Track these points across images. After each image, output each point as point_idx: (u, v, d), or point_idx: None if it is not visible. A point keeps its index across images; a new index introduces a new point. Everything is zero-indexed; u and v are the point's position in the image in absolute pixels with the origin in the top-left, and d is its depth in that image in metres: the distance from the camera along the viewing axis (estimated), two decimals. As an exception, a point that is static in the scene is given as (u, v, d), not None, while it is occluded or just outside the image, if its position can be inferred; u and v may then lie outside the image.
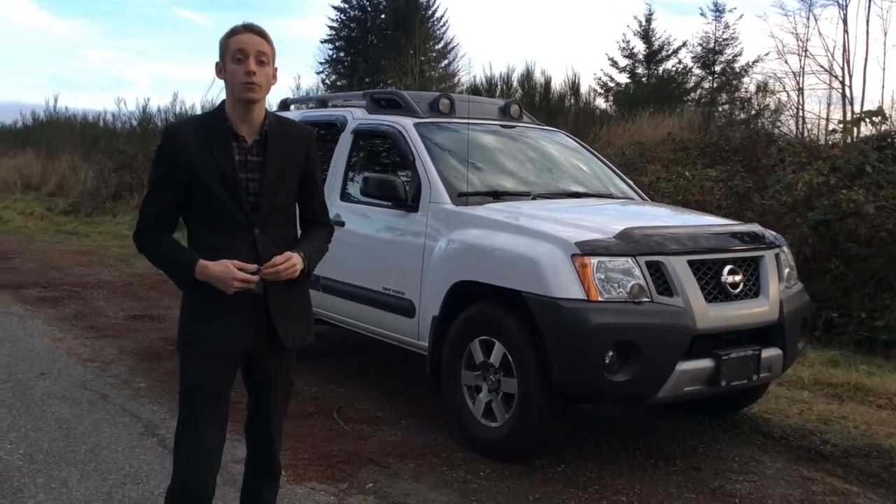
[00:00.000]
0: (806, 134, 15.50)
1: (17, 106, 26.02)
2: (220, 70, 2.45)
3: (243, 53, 2.39)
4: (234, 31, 2.43)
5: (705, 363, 3.82)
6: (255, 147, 2.47)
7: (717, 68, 24.22)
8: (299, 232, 2.65)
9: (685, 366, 3.74)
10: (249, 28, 2.44)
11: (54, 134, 22.39)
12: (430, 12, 29.44)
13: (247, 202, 2.44)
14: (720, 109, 18.71)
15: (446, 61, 28.43)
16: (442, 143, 4.95)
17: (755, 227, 4.50)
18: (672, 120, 14.48)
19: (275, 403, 2.65)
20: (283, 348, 2.54)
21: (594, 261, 3.72)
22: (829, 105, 20.67)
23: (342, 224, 4.99)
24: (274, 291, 2.48)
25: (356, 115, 5.49)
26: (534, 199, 4.73)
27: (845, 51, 20.68)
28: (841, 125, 9.04)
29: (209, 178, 2.40)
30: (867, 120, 8.08)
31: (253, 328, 2.49)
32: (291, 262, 2.42)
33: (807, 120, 18.94)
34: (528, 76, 16.55)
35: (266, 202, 2.46)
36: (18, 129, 25.64)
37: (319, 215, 2.67)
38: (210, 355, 2.47)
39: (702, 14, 29.12)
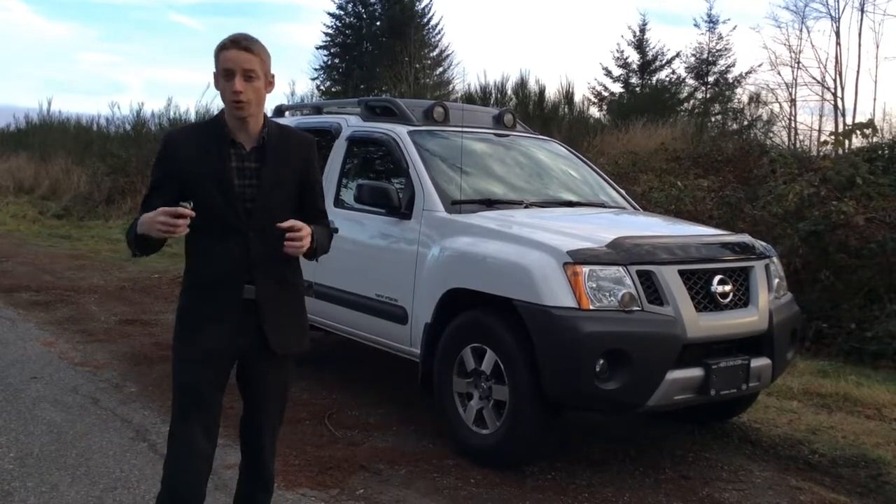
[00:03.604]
0: (798, 145, 15.65)
1: (11, 109, 25.95)
2: (216, 81, 2.47)
3: (230, 72, 2.40)
4: (222, 46, 2.43)
5: (695, 372, 3.85)
6: (254, 154, 2.49)
7: (711, 79, 24.28)
8: None
9: (675, 374, 3.77)
10: (236, 43, 2.41)
11: (48, 137, 22.33)
12: (425, 20, 29.46)
13: (243, 208, 2.45)
14: (713, 120, 18.78)
15: (441, 69, 28.42)
16: (436, 151, 4.97)
17: (745, 238, 4.54)
18: (665, 130, 14.53)
19: (266, 411, 2.64)
20: (276, 354, 2.55)
21: (586, 269, 3.74)
22: (820, 117, 20.84)
23: (336, 230, 4.99)
24: (266, 296, 2.50)
25: (351, 123, 5.52)
26: (526, 207, 4.76)
27: (837, 63, 20.84)
28: (832, 137, 9.11)
29: (206, 183, 2.43)
30: (858, 132, 8.16)
31: (243, 332, 2.50)
32: (307, 232, 2.42)
33: (799, 131, 19.11)
34: (522, 85, 16.60)
35: (262, 208, 2.47)
36: (11, 133, 25.56)
37: (319, 221, 2.68)
38: (199, 358, 2.48)
39: (695, 25, 29.32)
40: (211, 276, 2.46)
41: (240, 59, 2.40)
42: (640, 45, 25.02)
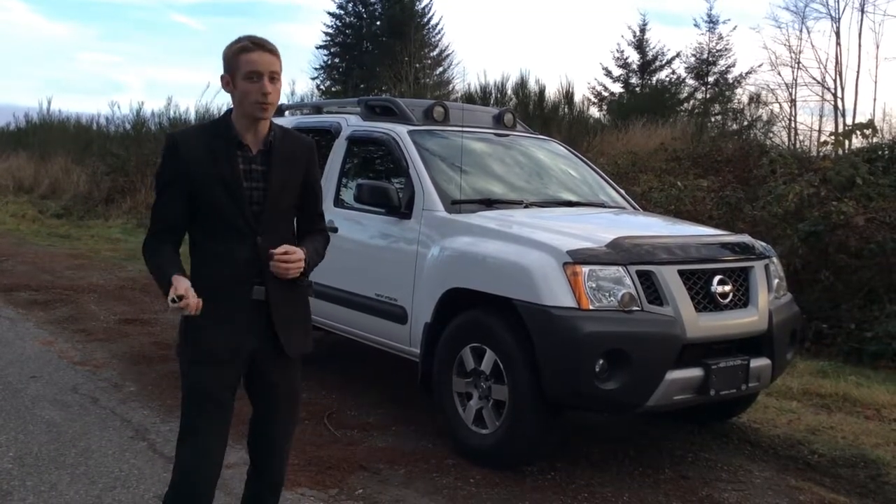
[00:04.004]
0: (798, 145, 15.65)
1: (10, 108, 25.94)
2: (228, 83, 2.45)
3: (257, 74, 2.39)
4: (244, 49, 2.40)
5: (695, 372, 3.85)
6: (260, 157, 2.49)
7: (711, 79, 24.29)
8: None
9: (675, 374, 3.77)
10: (261, 46, 2.41)
11: (47, 136, 22.32)
12: (425, 20, 29.47)
13: (250, 211, 2.45)
14: (713, 120, 18.78)
15: (441, 69, 28.43)
16: (436, 151, 4.97)
17: (745, 238, 4.54)
18: (665, 130, 14.52)
19: (278, 413, 2.62)
20: (286, 357, 2.54)
21: (585, 269, 3.74)
22: (820, 117, 20.85)
23: (335, 230, 5.01)
24: (276, 298, 2.49)
25: (350, 122, 5.51)
26: (526, 207, 4.76)
27: (837, 63, 20.83)
28: (832, 137, 9.10)
29: (212, 186, 2.42)
30: (858, 132, 8.16)
31: (253, 334, 2.49)
32: (299, 256, 2.44)
33: (799, 131, 19.11)
34: (522, 85, 16.59)
35: (269, 211, 2.47)
36: (11, 132, 25.55)
37: (317, 225, 2.69)
38: (209, 360, 2.46)
39: (696, 25, 29.31)
40: (217, 277, 2.45)
41: (267, 62, 2.40)
42: (640, 45, 25.04)
